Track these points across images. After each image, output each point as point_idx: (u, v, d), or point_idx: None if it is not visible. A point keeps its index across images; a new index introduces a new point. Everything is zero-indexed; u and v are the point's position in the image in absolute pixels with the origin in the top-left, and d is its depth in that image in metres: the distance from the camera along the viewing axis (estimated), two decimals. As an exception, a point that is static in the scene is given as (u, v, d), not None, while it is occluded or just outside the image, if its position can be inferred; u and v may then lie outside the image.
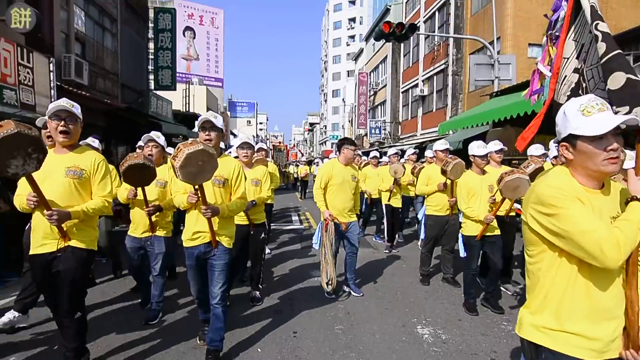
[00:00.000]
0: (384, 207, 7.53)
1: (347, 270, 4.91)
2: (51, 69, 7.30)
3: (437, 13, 20.42)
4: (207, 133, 3.11)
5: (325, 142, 60.87)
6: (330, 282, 4.64)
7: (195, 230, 3.09)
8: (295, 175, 22.62)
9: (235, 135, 31.33)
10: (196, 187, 2.88)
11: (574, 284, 1.54)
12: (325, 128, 62.08)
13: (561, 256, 1.56)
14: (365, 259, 6.67)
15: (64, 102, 2.74)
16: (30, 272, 3.33)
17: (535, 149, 5.08)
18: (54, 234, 2.68)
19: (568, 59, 2.36)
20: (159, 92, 17.91)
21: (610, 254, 1.41)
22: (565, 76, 2.33)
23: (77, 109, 2.78)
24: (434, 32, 20.76)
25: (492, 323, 4.08)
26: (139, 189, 3.67)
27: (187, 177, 2.73)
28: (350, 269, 4.90)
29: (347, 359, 3.31)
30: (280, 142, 49.38)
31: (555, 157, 4.71)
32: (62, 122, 2.70)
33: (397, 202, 7.48)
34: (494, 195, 4.27)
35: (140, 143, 4.53)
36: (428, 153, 8.36)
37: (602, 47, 1.98)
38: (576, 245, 1.47)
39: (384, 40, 11.50)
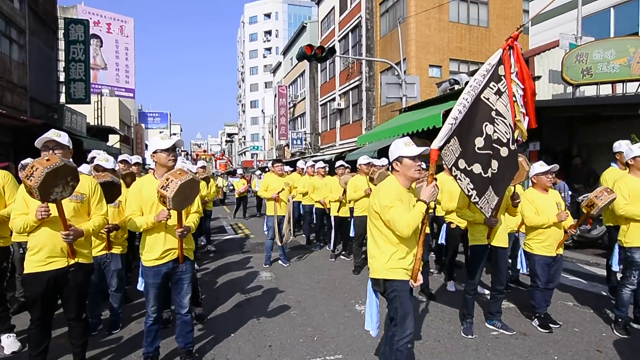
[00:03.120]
0: (332, 218, 7.62)
1: (280, 248, 7.11)
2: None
3: (350, 34, 22.22)
4: (171, 154, 3.27)
5: (244, 152, 60.66)
6: (283, 237, 6.90)
7: (165, 249, 3.21)
8: (225, 190, 19.56)
9: (147, 147, 30.14)
10: (169, 208, 2.98)
11: (402, 239, 2.76)
12: (245, 139, 61.90)
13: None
14: (305, 258, 7.56)
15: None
16: (26, 288, 3.22)
17: (380, 161, 6.84)
18: (62, 252, 2.91)
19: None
20: (71, 106, 17.02)
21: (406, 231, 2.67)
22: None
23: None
24: (347, 50, 22.53)
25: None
26: None
27: (177, 205, 2.95)
28: (282, 248, 7.12)
29: (306, 333, 4.13)
30: (204, 151, 46.20)
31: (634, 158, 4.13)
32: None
33: (345, 213, 7.34)
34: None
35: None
36: (361, 160, 7.00)
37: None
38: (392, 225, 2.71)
39: (306, 60, 12.55)
